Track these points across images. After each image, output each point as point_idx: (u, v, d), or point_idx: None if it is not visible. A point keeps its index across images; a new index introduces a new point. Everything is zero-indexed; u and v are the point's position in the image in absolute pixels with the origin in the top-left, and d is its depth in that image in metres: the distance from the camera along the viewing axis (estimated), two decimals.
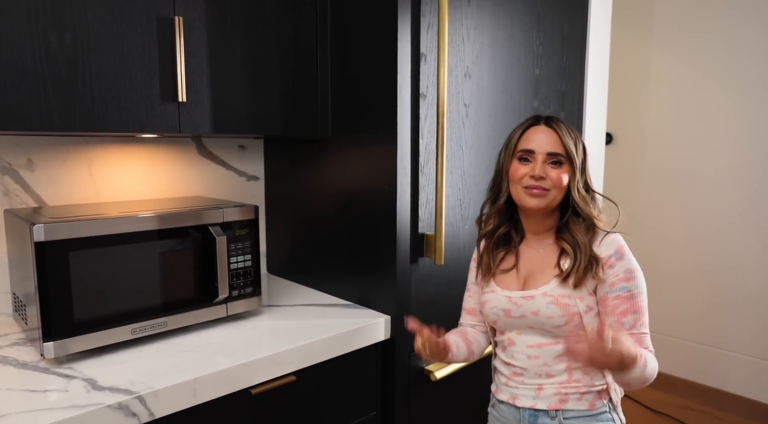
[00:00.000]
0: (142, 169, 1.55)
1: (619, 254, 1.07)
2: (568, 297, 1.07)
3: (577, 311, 1.07)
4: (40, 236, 1.04)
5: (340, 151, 1.52)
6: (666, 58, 2.89)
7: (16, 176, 1.35)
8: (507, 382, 1.17)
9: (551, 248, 1.14)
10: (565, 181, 1.09)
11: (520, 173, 1.11)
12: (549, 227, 1.15)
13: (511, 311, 1.13)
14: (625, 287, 1.06)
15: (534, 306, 1.10)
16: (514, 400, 1.15)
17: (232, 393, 1.11)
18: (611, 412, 1.12)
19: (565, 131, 1.10)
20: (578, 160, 1.10)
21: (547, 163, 1.09)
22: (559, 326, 1.08)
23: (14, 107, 1.03)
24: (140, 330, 1.19)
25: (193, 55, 1.24)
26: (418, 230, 1.43)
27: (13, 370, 1.07)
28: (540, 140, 1.10)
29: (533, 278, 1.13)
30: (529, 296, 1.11)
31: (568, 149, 1.09)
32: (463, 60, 1.50)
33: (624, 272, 1.06)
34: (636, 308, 1.06)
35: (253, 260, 1.37)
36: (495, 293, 1.16)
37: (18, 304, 1.25)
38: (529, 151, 1.10)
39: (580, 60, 1.96)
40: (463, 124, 1.53)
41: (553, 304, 1.08)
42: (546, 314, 1.08)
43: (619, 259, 1.07)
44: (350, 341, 1.32)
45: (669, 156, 2.93)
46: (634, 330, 1.05)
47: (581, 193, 1.10)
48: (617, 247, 1.08)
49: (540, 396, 1.12)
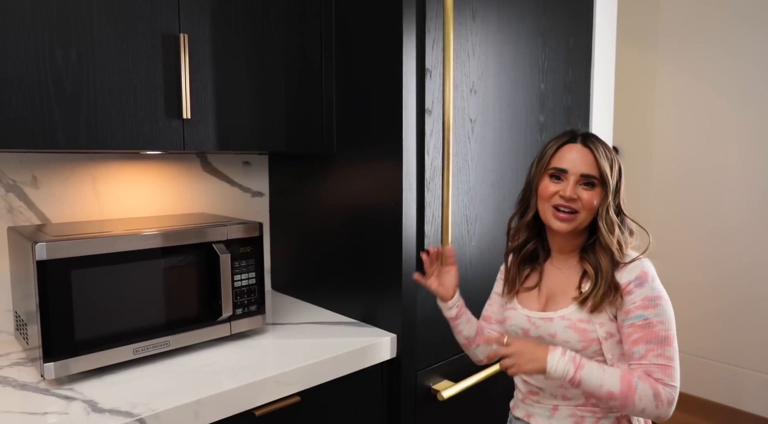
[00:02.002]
0: (146, 186, 1.54)
1: (639, 280, 1.02)
2: (587, 322, 1.04)
3: (596, 337, 1.03)
4: (43, 255, 1.03)
5: (345, 167, 1.51)
6: (671, 70, 2.89)
7: (20, 193, 1.34)
8: (524, 399, 1.15)
9: (575, 269, 1.10)
10: (595, 204, 1.05)
11: (550, 191, 1.07)
12: (575, 246, 1.11)
13: (530, 331, 1.10)
14: (641, 315, 1.00)
15: (551, 329, 1.07)
16: (529, 418, 1.13)
17: (235, 415, 1.08)
18: None
19: (602, 152, 1.05)
20: (612, 182, 1.05)
21: (579, 184, 1.05)
22: (577, 350, 1.03)
23: (19, 124, 1.02)
24: (142, 350, 1.17)
25: (197, 71, 1.24)
26: (424, 246, 1.41)
27: (12, 391, 1.05)
28: (575, 160, 1.05)
29: (554, 299, 1.11)
30: (547, 318, 1.08)
31: (603, 171, 1.04)
32: (468, 75, 1.50)
33: (642, 300, 1.01)
34: (651, 337, 0.99)
35: (258, 277, 1.35)
36: (516, 311, 1.14)
37: (20, 322, 1.23)
38: (562, 170, 1.06)
39: (585, 74, 1.96)
40: (468, 140, 1.51)
41: (570, 329, 1.04)
42: (563, 338, 1.05)
43: (639, 285, 1.01)
44: (356, 361, 1.29)
45: (676, 168, 2.91)
46: (643, 361, 0.99)
47: (609, 218, 1.05)
48: (639, 273, 1.02)
49: (555, 417, 1.09)
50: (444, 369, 1.50)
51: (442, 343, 1.47)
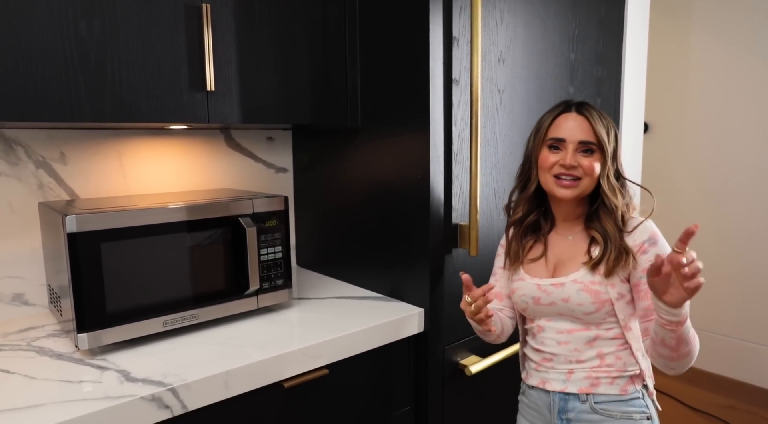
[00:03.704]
0: (171, 162, 1.55)
1: (652, 240, 1.06)
2: (599, 284, 1.06)
3: (608, 298, 1.06)
4: (73, 227, 1.04)
5: (370, 140, 1.49)
6: (706, 40, 2.77)
7: (50, 170, 1.35)
8: (537, 367, 1.16)
9: (581, 236, 1.13)
10: (597, 170, 1.07)
11: (550, 162, 1.09)
12: (579, 214, 1.14)
13: (541, 299, 1.11)
14: None
15: (564, 293, 1.08)
16: (544, 384, 1.14)
17: (264, 386, 1.09)
18: (644, 398, 1.09)
19: (597, 118, 1.07)
20: (610, 148, 1.07)
21: (578, 151, 1.07)
22: (590, 312, 1.06)
23: (46, 96, 1.02)
24: (171, 322, 1.18)
25: (221, 43, 1.22)
26: (451, 220, 1.38)
27: (49, 360, 1.08)
28: (571, 128, 1.07)
29: (563, 266, 1.12)
30: (558, 284, 1.09)
31: (600, 137, 1.06)
32: (496, 44, 1.45)
33: (656, 257, 1.00)
34: None
35: (284, 251, 1.34)
36: (524, 281, 1.15)
37: (53, 296, 1.26)
38: (559, 140, 1.08)
39: (617, 44, 1.88)
40: (497, 111, 1.47)
41: (583, 291, 1.06)
42: (576, 300, 1.07)
43: (653, 244, 1.05)
44: (384, 334, 1.29)
45: (708, 146, 2.81)
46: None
47: (611, 183, 1.08)
48: (651, 233, 1.06)
49: (570, 380, 1.10)
50: (471, 344, 1.49)
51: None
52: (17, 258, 1.33)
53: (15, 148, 1.30)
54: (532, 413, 1.17)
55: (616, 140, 1.10)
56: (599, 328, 1.08)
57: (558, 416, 1.12)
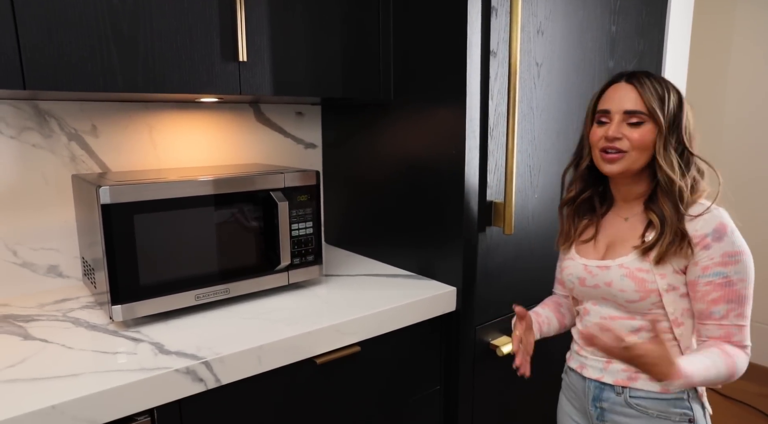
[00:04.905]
0: (201, 136, 1.53)
1: (718, 233, 0.93)
2: (647, 272, 0.98)
3: (656, 288, 0.97)
4: (107, 198, 1.03)
5: (402, 115, 1.45)
6: (752, 10, 2.63)
7: (82, 142, 1.35)
8: (579, 350, 1.12)
9: (639, 218, 1.04)
10: (648, 141, 0.97)
11: (597, 135, 1.02)
12: (638, 194, 1.05)
13: (586, 280, 1.06)
14: (721, 272, 0.93)
15: (608, 277, 1.02)
16: (582, 369, 1.10)
17: (296, 362, 1.08)
18: (691, 400, 1.01)
19: (649, 86, 0.98)
20: (665, 116, 0.96)
21: (625, 123, 0.99)
22: (633, 300, 0.99)
23: (80, 66, 1.01)
24: (203, 296, 1.18)
25: (253, 11, 1.19)
26: (486, 197, 1.34)
27: (85, 331, 1.08)
28: (617, 98, 1.00)
29: (614, 248, 1.05)
30: (604, 266, 1.03)
31: (648, 106, 0.97)
32: (535, 15, 1.38)
33: (721, 256, 0.93)
34: (732, 296, 0.94)
35: (315, 227, 1.33)
36: (573, 261, 1.10)
37: (87, 268, 1.26)
38: (605, 112, 1.01)
39: (660, 15, 1.79)
40: (534, 85, 1.42)
41: (627, 277, 0.99)
42: (619, 286, 1.00)
43: (717, 240, 0.93)
44: (416, 312, 1.27)
45: (749, 124, 2.69)
46: (724, 321, 0.95)
47: (669, 156, 0.97)
48: (717, 225, 0.94)
49: (608, 370, 1.05)
50: (503, 325, 1.46)
51: (501, 298, 1.43)
52: (51, 230, 1.33)
53: (48, 120, 1.30)
54: (571, 394, 1.15)
55: (680, 109, 0.98)
56: (645, 319, 1.00)
57: (592, 403, 1.08)
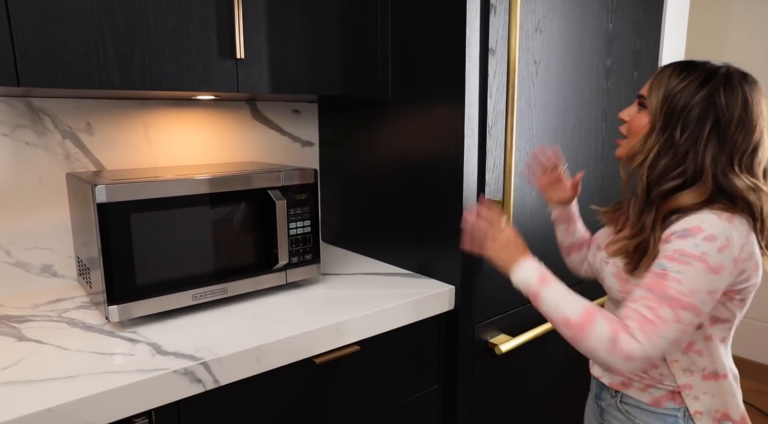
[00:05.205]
0: (197, 134, 1.52)
1: (686, 232, 0.83)
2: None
3: None
4: (103, 197, 1.02)
5: (399, 113, 1.44)
6: (747, 7, 2.64)
7: (76, 140, 1.33)
8: None
9: None
10: (635, 127, 0.94)
11: None
12: None
13: (594, 265, 1.10)
14: (662, 264, 0.84)
15: (604, 272, 1.03)
16: (591, 366, 1.12)
17: (296, 362, 1.07)
18: (685, 420, 0.96)
19: (666, 73, 0.90)
20: (656, 107, 0.88)
21: (636, 107, 0.97)
22: (619, 300, 0.98)
23: (75, 63, 0.99)
24: (201, 296, 1.17)
25: (250, 8, 1.18)
26: (484, 195, 1.34)
27: (80, 332, 1.07)
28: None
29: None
30: (605, 261, 1.03)
31: (649, 91, 0.92)
32: (534, 12, 1.38)
33: (673, 251, 0.83)
34: (655, 288, 0.83)
35: (312, 225, 1.32)
36: (595, 242, 1.12)
37: (82, 268, 1.25)
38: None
39: (656, 12, 1.79)
40: (532, 83, 1.41)
41: (614, 276, 0.99)
42: (607, 284, 1.02)
43: (681, 237, 0.83)
44: (414, 311, 1.26)
45: None
46: (632, 304, 0.85)
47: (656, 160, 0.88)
48: (692, 226, 0.83)
49: (607, 370, 1.04)
50: (502, 323, 1.46)
51: (500, 296, 1.43)
52: (46, 229, 1.32)
53: (42, 117, 1.28)
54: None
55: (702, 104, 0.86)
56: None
57: (596, 400, 1.10)
